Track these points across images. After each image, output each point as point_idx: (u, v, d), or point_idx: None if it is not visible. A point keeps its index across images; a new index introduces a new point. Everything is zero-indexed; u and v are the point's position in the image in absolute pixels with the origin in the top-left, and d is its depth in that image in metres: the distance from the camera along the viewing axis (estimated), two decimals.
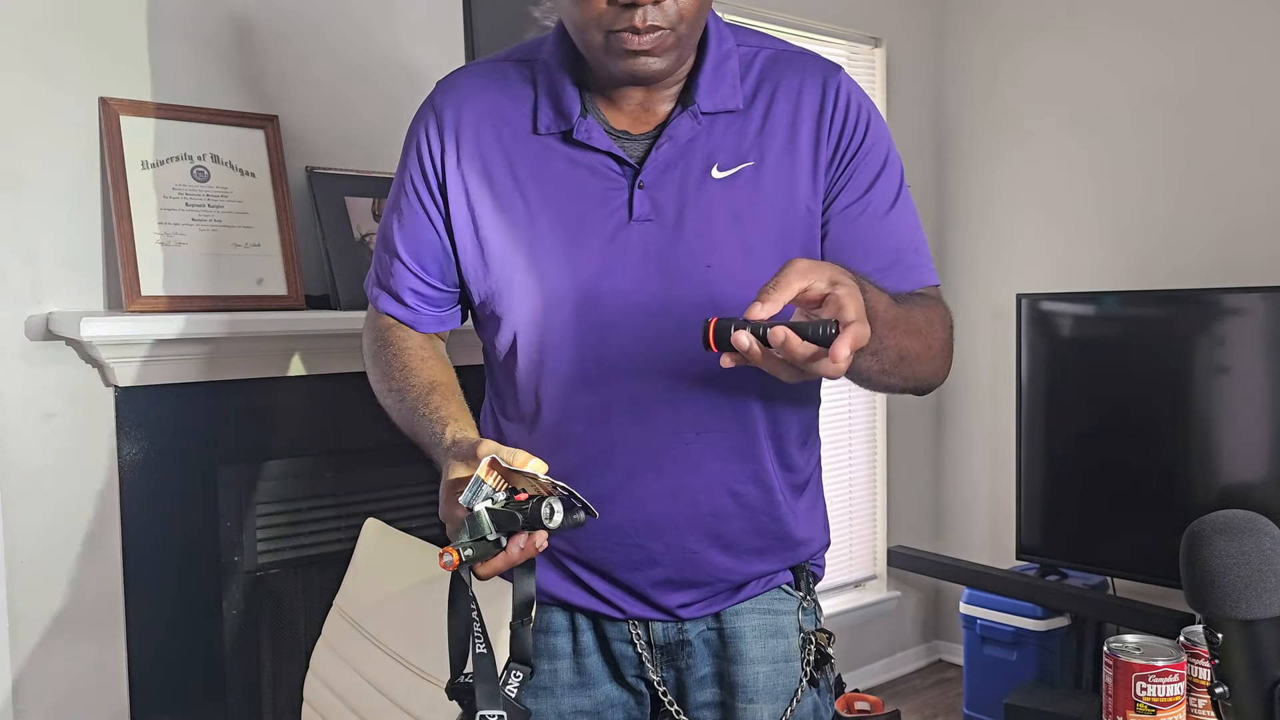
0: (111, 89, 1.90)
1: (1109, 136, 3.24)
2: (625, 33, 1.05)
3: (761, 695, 1.22)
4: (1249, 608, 0.83)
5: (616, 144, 1.13)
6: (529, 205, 1.13)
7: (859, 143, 1.16)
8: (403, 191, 1.22)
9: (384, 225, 1.25)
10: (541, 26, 2.48)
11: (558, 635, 1.23)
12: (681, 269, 1.11)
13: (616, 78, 1.11)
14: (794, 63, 1.19)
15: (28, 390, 1.82)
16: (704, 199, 1.12)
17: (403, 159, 1.23)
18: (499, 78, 1.19)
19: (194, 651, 1.96)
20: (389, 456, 2.18)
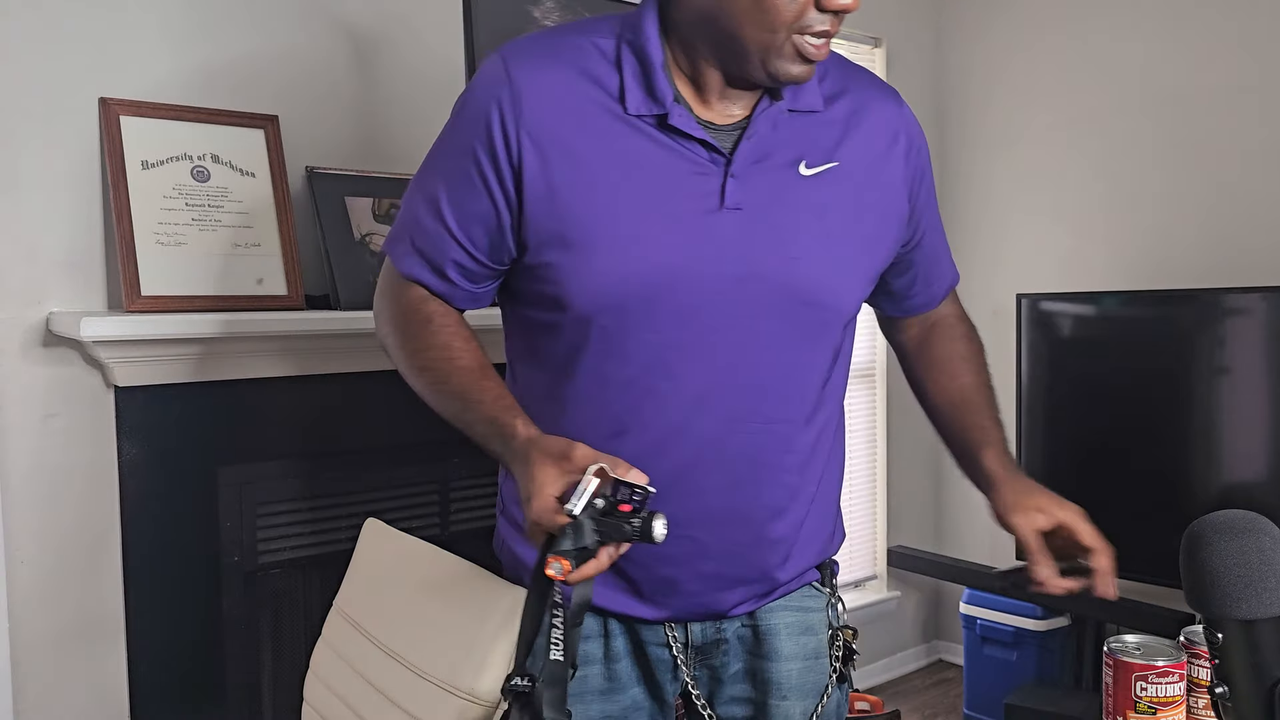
0: (111, 89, 1.90)
1: (1109, 136, 3.24)
2: (814, 38, 1.06)
3: (794, 692, 1.24)
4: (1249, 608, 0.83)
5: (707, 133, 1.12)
6: (616, 186, 1.10)
7: (925, 166, 1.27)
8: (460, 159, 1.14)
9: (426, 189, 1.17)
10: (541, 26, 2.48)
11: (589, 640, 1.21)
12: (767, 260, 1.12)
13: (771, 81, 1.09)
14: (860, 76, 1.23)
15: (28, 390, 1.82)
16: (792, 194, 1.13)
17: (462, 125, 1.15)
18: (578, 54, 1.13)
19: (194, 651, 1.96)
20: (389, 456, 2.18)
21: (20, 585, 1.82)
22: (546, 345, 1.17)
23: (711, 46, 1.10)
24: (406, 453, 2.20)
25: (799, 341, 1.15)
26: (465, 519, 2.29)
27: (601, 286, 1.10)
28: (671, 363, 1.11)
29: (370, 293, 2.06)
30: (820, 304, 1.15)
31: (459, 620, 1.19)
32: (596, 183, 1.10)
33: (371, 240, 2.13)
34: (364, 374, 2.13)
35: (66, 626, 1.87)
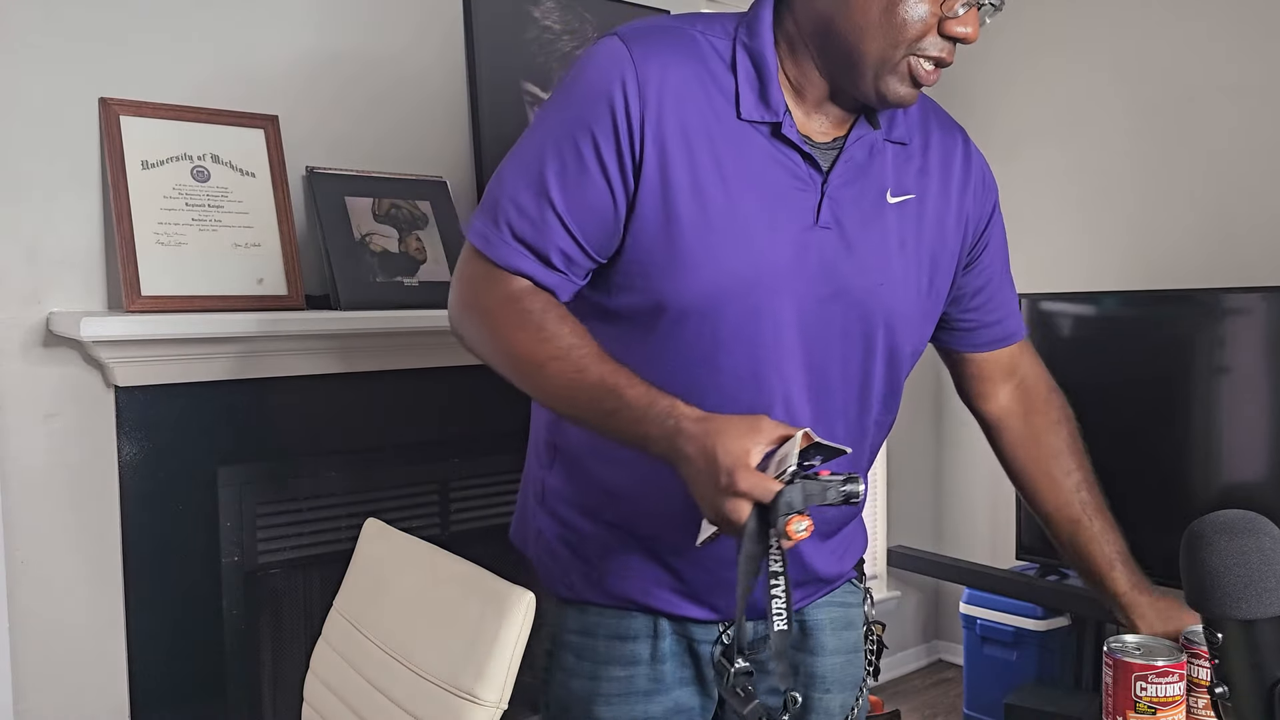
0: (111, 89, 1.90)
1: (1109, 136, 3.24)
2: (929, 62, 1.06)
3: (835, 685, 1.27)
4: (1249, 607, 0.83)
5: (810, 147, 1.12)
6: (728, 189, 1.08)
7: (992, 207, 1.28)
8: (574, 140, 1.07)
9: (530, 171, 1.09)
10: (541, 26, 2.48)
11: (637, 641, 1.21)
12: (853, 283, 1.12)
13: (875, 98, 1.09)
14: (935, 111, 1.25)
15: (28, 390, 1.82)
16: (879, 221, 1.14)
17: (578, 104, 1.08)
18: (695, 49, 1.09)
19: (194, 651, 1.96)
20: (389, 456, 2.18)
21: (20, 585, 1.82)
22: (629, 344, 1.12)
23: (825, 56, 1.09)
24: (406, 453, 2.20)
25: (874, 366, 1.17)
26: (465, 519, 2.29)
27: (700, 290, 1.08)
28: (758, 373, 1.11)
29: (370, 292, 2.08)
30: (899, 329, 1.17)
31: (459, 620, 1.19)
32: (706, 184, 1.07)
33: (371, 240, 2.13)
34: (364, 374, 2.13)
35: (66, 627, 1.87)
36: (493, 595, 1.17)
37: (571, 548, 1.22)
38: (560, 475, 1.24)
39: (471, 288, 1.13)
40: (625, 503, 1.18)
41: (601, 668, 1.21)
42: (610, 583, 1.20)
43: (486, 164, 2.36)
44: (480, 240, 1.11)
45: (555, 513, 1.24)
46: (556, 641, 1.24)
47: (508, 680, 1.14)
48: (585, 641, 1.22)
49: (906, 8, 1.02)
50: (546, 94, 2.47)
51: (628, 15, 2.63)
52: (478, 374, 1.32)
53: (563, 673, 1.23)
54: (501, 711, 1.14)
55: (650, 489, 1.12)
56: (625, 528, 1.19)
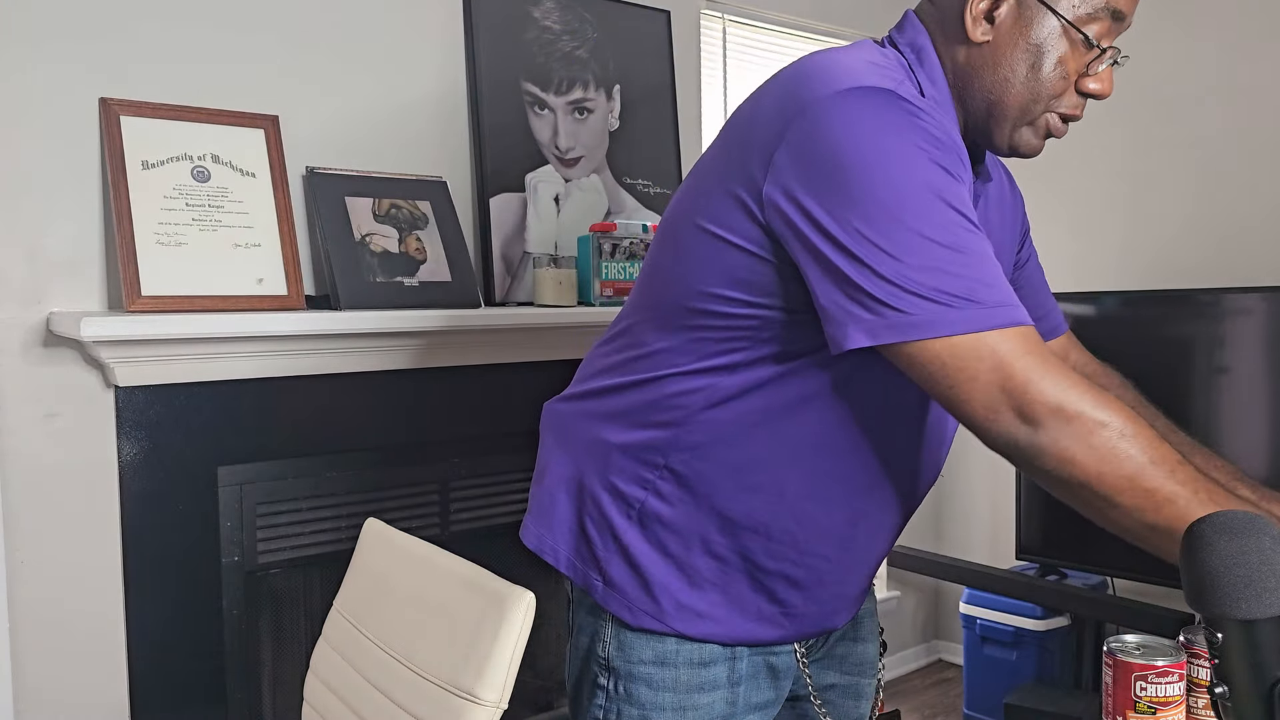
0: (111, 89, 1.90)
1: (1110, 137, 3.24)
2: (1062, 121, 1.07)
3: (871, 669, 1.34)
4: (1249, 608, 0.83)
5: None
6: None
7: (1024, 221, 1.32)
8: (967, 230, 0.96)
9: (970, 245, 0.95)
10: (541, 26, 2.48)
11: (714, 665, 1.16)
12: None
13: (1005, 150, 1.10)
14: None
15: (28, 390, 1.82)
16: None
17: (947, 163, 0.97)
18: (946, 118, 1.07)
19: (194, 651, 1.97)
20: (389, 456, 2.18)
21: (20, 585, 1.82)
22: (845, 403, 1.08)
23: (965, 106, 1.10)
24: (406, 453, 2.20)
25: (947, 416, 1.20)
26: (465, 519, 2.29)
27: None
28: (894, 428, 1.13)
29: (370, 293, 2.08)
30: None
31: (459, 621, 1.19)
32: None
33: (371, 240, 2.13)
34: (364, 374, 2.13)
35: (66, 626, 1.87)
36: (493, 595, 1.17)
37: (670, 577, 1.14)
38: (675, 499, 1.13)
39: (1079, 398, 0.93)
40: (748, 534, 1.13)
41: (685, 697, 1.15)
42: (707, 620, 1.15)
43: (486, 164, 2.36)
44: (1003, 318, 0.95)
45: (659, 539, 1.14)
46: (620, 673, 1.16)
47: (508, 680, 1.14)
48: (663, 672, 1.15)
49: (1052, 65, 1.04)
50: (546, 94, 2.47)
51: (627, 15, 2.63)
52: (478, 374, 1.32)
53: (636, 707, 1.15)
54: (501, 711, 1.14)
55: (787, 520, 1.11)
56: (739, 559, 1.14)
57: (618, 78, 2.60)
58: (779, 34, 3.13)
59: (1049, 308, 1.36)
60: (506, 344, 2.28)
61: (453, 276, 2.20)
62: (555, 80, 2.49)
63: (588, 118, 2.55)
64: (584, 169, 2.54)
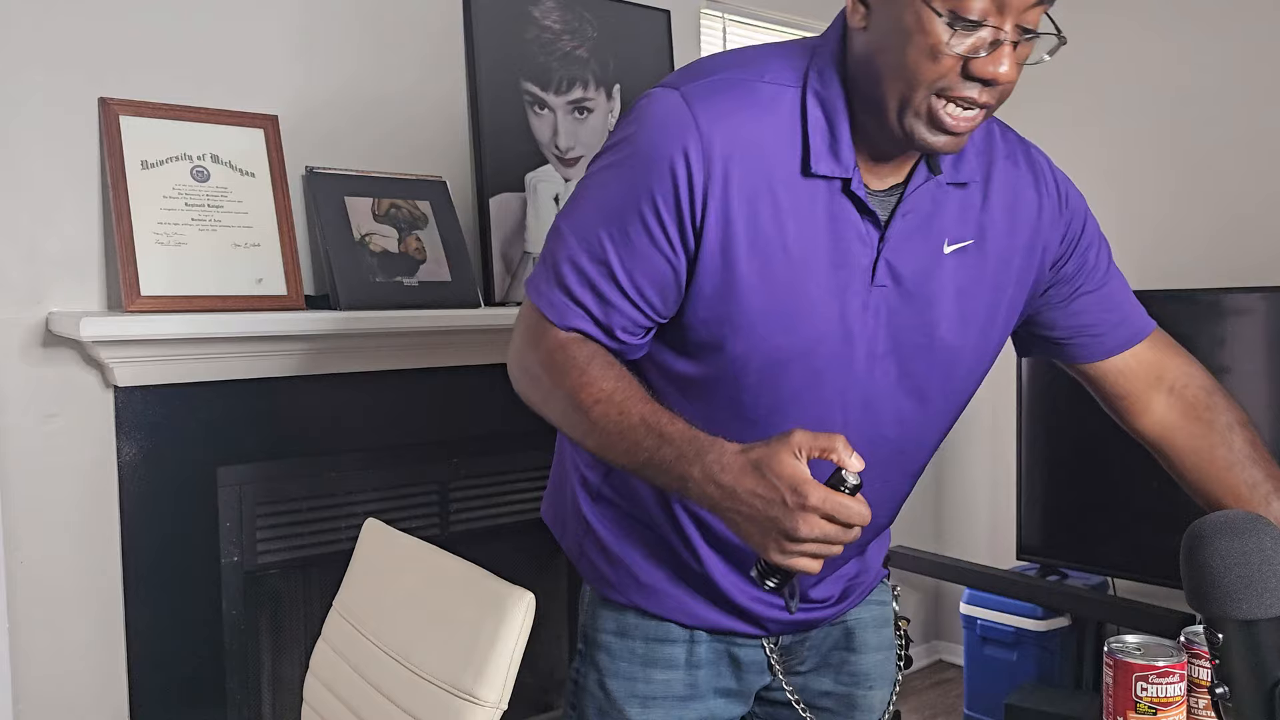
0: (111, 89, 1.90)
1: (1109, 136, 3.24)
2: (955, 105, 0.97)
3: (878, 681, 1.29)
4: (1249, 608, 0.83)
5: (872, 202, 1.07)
6: (788, 251, 1.04)
7: (1081, 223, 1.23)
8: (633, 212, 1.03)
9: (590, 238, 1.06)
10: (541, 26, 2.48)
11: (674, 645, 1.20)
12: (911, 338, 1.10)
13: (906, 143, 1.02)
14: (1003, 137, 1.18)
15: (28, 390, 1.82)
16: (937, 273, 1.10)
17: (638, 170, 1.03)
18: (761, 103, 1.04)
19: (194, 651, 1.96)
20: (389, 456, 2.18)
21: (20, 585, 1.82)
22: (681, 401, 1.11)
23: (863, 98, 1.03)
24: (406, 453, 2.20)
25: (927, 415, 1.16)
26: (465, 519, 2.29)
27: (761, 353, 1.06)
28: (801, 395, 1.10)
29: (369, 292, 2.08)
30: (955, 380, 1.16)
31: (459, 621, 1.19)
32: (770, 248, 1.04)
33: (371, 240, 2.13)
34: (364, 374, 2.13)
35: (66, 626, 1.87)
36: (493, 595, 1.17)
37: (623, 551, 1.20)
38: (618, 479, 1.19)
39: (531, 347, 1.11)
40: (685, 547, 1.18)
41: (640, 669, 1.20)
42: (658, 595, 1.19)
43: (486, 164, 2.36)
44: (541, 300, 1.10)
45: (607, 515, 1.21)
46: (590, 639, 1.23)
47: (508, 680, 1.14)
48: (622, 643, 1.21)
49: (919, 46, 0.95)
50: (547, 94, 2.47)
51: (627, 14, 2.63)
52: (478, 374, 1.32)
53: (596, 672, 1.22)
54: (501, 712, 1.14)
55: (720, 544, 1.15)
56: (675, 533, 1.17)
57: (618, 77, 2.60)
58: (779, 33, 3.13)
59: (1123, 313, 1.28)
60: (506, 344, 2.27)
61: (453, 276, 2.20)
62: (555, 80, 2.49)
63: (588, 117, 2.55)
64: (584, 168, 2.54)
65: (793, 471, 0.91)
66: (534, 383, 1.11)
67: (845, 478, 0.91)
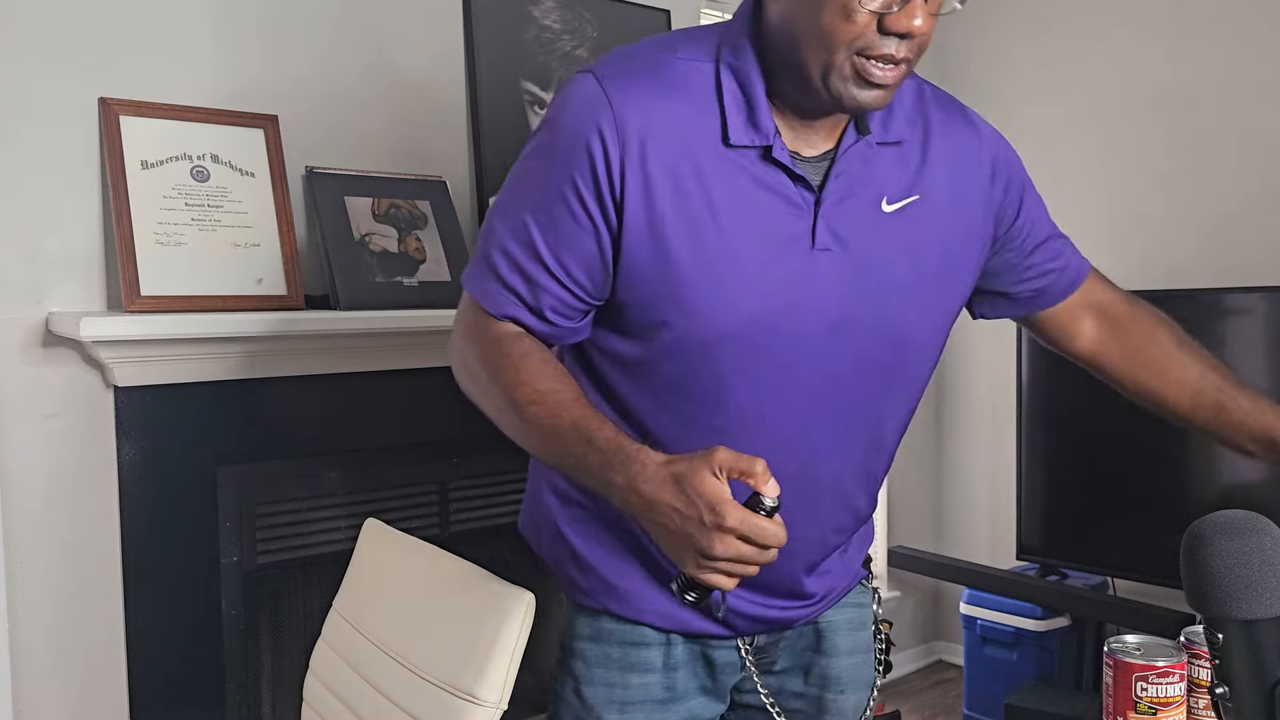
0: (111, 89, 1.90)
1: (1109, 136, 3.24)
2: (876, 61, 0.99)
3: (850, 686, 1.27)
4: (1250, 608, 0.83)
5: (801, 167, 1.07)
6: (718, 223, 1.04)
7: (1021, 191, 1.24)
8: (555, 191, 1.06)
9: (515, 223, 1.08)
10: (541, 26, 2.48)
11: (650, 648, 1.19)
12: (864, 302, 1.09)
13: (835, 105, 1.03)
14: (940, 100, 1.20)
15: (28, 390, 1.82)
16: (880, 233, 1.10)
17: (557, 153, 1.06)
18: (675, 79, 1.06)
19: (194, 651, 1.96)
20: (389, 456, 2.18)
21: (20, 585, 1.82)
22: (626, 382, 1.12)
23: (784, 67, 1.05)
24: (406, 453, 2.20)
25: (891, 383, 1.15)
26: (465, 519, 2.29)
27: (697, 329, 1.06)
28: (763, 411, 1.09)
29: (369, 292, 2.08)
30: (914, 345, 1.15)
31: (459, 621, 1.19)
32: (697, 220, 1.04)
33: (371, 240, 2.13)
34: (364, 374, 2.13)
35: (66, 626, 1.87)
36: (493, 595, 1.17)
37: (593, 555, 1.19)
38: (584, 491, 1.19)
39: (468, 340, 1.14)
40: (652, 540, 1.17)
41: (617, 675, 1.19)
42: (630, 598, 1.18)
43: (486, 164, 2.36)
44: (475, 289, 1.12)
45: (577, 519, 1.21)
46: (566, 648, 1.22)
47: (508, 681, 1.14)
48: (598, 648, 1.20)
49: (828, 10, 0.97)
50: (547, 94, 2.47)
51: (627, 14, 2.63)
52: None
53: (572, 680, 1.21)
54: (501, 712, 1.14)
55: None
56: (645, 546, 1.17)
57: None
58: None
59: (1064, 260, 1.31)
60: None
61: (452, 276, 2.20)
62: (555, 79, 2.49)
63: None
64: None
65: (713, 490, 0.92)
66: (472, 378, 1.13)
67: (763, 500, 0.92)
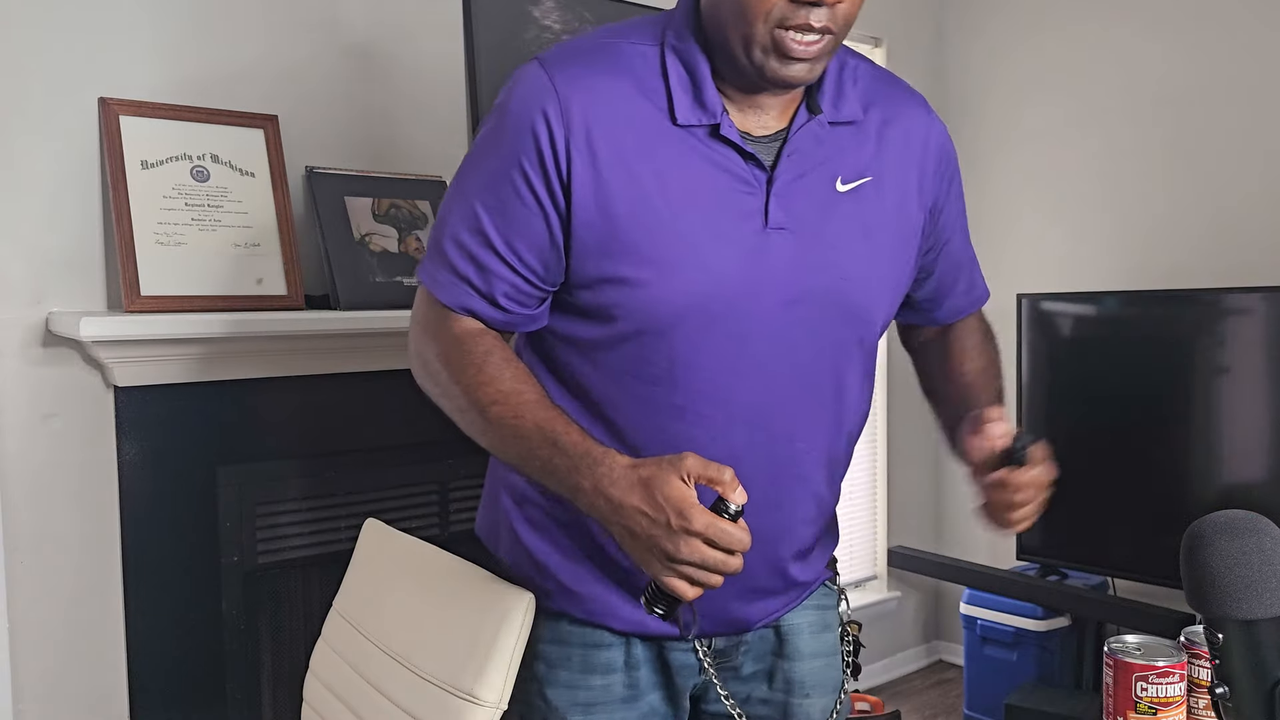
0: (111, 89, 1.90)
1: (1110, 136, 3.24)
2: (794, 32, 1.00)
3: (815, 690, 1.25)
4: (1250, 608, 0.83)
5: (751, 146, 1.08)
6: (668, 201, 1.05)
7: (952, 175, 1.23)
8: (503, 176, 1.07)
9: (465, 211, 1.09)
10: (541, 26, 2.48)
11: (611, 648, 1.19)
12: (818, 281, 1.09)
13: (760, 79, 1.04)
14: (894, 84, 1.20)
15: (28, 390, 1.82)
16: (834, 212, 1.10)
17: (504, 139, 1.07)
18: (622, 62, 1.07)
19: (194, 651, 1.96)
20: (389, 456, 2.18)
21: (20, 585, 1.82)
22: (585, 368, 1.12)
23: (718, 47, 1.06)
24: (406, 453, 2.20)
25: (845, 361, 1.15)
26: (465, 519, 2.29)
27: (650, 308, 1.06)
28: (722, 390, 1.08)
29: (369, 292, 2.08)
30: (868, 323, 1.15)
31: (459, 621, 1.19)
32: (646, 198, 1.05)
33: (371, 240, 2.13)
34: (363, 374, 2.13)
35: (66, 626, 1.87)
36: (493, 595, 1.17)
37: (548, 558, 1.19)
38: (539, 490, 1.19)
39: (426, 333, 1.13)
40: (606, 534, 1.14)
41: (579, 677, 1.19)
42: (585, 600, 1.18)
43: None
44: (429, 281, 1.12)
45: (533, 519, 1.20)
46: (529, 651, 1.20)
47: (507, 681, 1.14)
48: (559, 650, 1.19)
49: None
50: None
51: (627, 15, 2.62)
52: None
53: (536, 682, 1.20)
54: (501, 711, 1.14)
55: None
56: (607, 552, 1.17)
57: None
58: None
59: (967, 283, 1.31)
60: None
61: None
62: None
63: None
64: None
65: (680, 495, 0.93)
66: (431, 376, 1.12)
67: (727, 505, 0.93)
